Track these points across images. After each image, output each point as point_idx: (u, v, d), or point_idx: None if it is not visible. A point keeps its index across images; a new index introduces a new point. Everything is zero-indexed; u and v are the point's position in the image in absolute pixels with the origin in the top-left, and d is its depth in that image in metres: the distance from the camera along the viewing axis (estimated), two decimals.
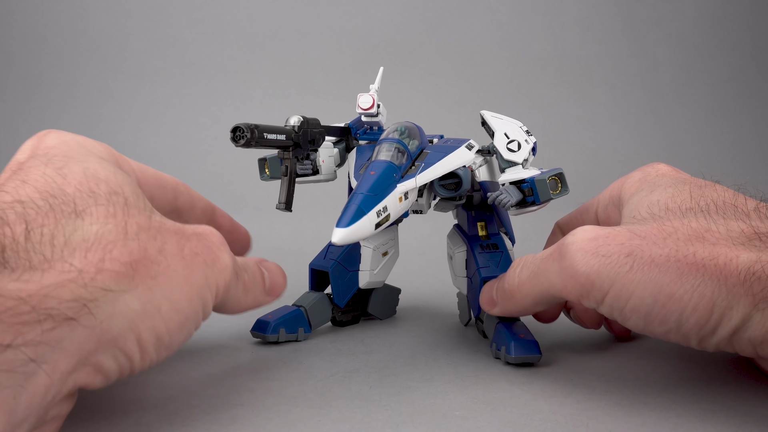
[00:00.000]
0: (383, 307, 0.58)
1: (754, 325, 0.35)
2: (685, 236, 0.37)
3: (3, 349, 0.26)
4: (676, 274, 0.36)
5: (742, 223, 0.38)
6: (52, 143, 0.38)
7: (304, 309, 0.52)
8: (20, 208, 0.31)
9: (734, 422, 0.37)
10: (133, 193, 0.36)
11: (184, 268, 0.34)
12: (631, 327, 0.39)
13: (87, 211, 0.33)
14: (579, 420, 0.37)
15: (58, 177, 0.34)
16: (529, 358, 0.45)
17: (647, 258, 0.37)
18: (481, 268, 0.50)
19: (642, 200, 0.43)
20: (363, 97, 0.52)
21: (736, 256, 0.36)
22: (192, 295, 0.35)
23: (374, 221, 0.41)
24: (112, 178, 0.36)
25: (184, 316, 0.34)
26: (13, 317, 0.26)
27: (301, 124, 0.48)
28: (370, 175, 0.43)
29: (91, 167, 0.36)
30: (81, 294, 0.29)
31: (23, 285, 0.28)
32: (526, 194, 0.47)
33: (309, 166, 0.52)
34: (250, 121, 0.45)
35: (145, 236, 0.33)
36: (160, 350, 0.34)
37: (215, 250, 0.37)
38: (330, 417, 0.37)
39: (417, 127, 0.49)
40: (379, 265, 0.55)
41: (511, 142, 0.49)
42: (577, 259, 0.39)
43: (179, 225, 0.36)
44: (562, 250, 0.40)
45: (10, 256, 0.29)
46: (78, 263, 0.30)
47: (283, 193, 0.48)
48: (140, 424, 0.36)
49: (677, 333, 0.37)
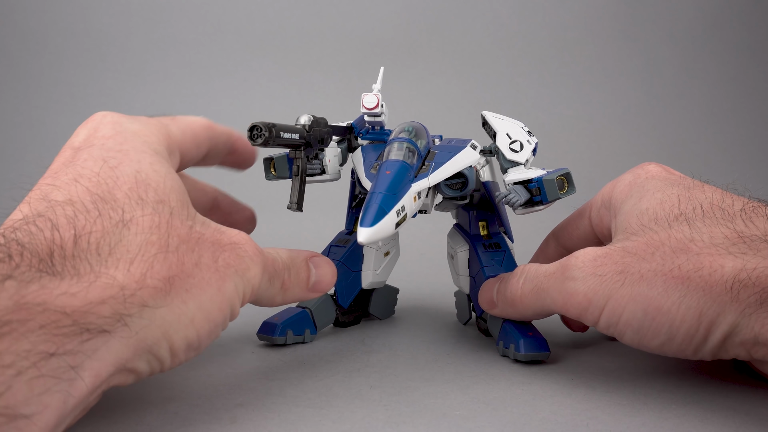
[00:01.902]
0: (383, 307, 0.58)
1: (744, 329, 0.36)
2: (670, 249, 0.38)
3: (48, 357, 0.28)
4: (663, 287, 0.37)
5: (725, 229, 0.38)
6: (109, 133, 0.39)
7: (310, 310, 0.52)
8: (71, 211, 0.33)
9: (734, 422, 0.37)
10: (178, 201, 0.37)
11: (218, 280, 0.36)
12: (628, 342, 0.40)
13: (133, 221, 0.34)
14: (579, 420, 0.37)
15: (110, 179, 0.36)
16: (539, 355, 0.46)
17: (636, 274, 0.38)
18: (485, 267, 0.50)
19: (632, 210, 0.44)
20: (367, 97, 0.52)
21: (720, 266, 0.36)
22: (223, 304, 0.37)
23: (395, 220, 0.41)
24: (161, 185, 0.37)
25: (214, 324, 0.36)
26: (56, 329, 0.28)
27: (312, 123, 0.48)
28: (386, 174, 0.43)
29: (144, 169, 0.37)
30: (119, 309, 0.31)
31: (68, 300, 0.29)
32: (534, 194, 0.48)
33: (317, 165, 0.51)
34: (266, 120, 0.44)
35: (184, 249, 0.35)
36: (190, 353, 0.36)
37: (247, 260, 0.38)
38: (330, 417, 0.37)
39: (423, 127, 0.49)
40: (382, 264, 0.55)
41: (514, 142, 0.49)
42: (577, 280, 0.40)
43: (217, 234, 0.38)
44: (565, 270, 0.41)
45: (57, 262, 0.31)
46: (121, 277, 0.32)
47: (294, 193, 0.48)
48: (140, 424, 0.36)
49: (671, 345, 0.38)
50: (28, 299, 0.28)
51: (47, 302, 0.29)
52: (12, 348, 0.27)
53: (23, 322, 0.27)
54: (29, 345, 0.27)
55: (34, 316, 0.28)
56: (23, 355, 0.27)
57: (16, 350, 0.27)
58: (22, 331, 0.27)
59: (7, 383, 0.26)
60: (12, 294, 0.28)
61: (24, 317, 0.27)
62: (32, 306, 0.28)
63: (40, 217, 0.33)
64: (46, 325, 0.28)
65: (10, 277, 0.28)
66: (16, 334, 0.27)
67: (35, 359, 0.27)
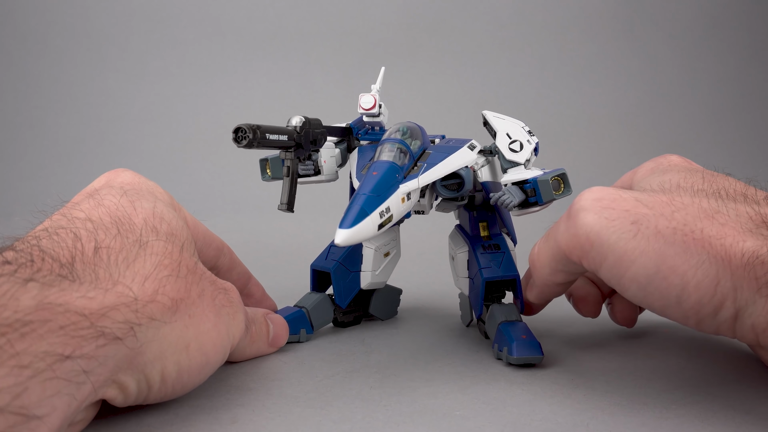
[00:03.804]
0: (384, 307, 0.58)
1: (758, 311, 0.34)
2: (694, 213, 0.37)
3: (63, 359, 0.28)
4: (682, 248, 0.36)
5: (751, 210, 0.37)
6: (128, 180, 0.43)
7: (306, 310, 0.52)
8: (91, 226, 0.35)
9: (734, 422, 0.37)
10: (186, 240, 0.40)
11: (214, 316, 0.38)
12: (630, 297, 0.39)
13: (149, 244, 0.36)
14: (579, 420, 0.37)
15: (129, 208, 0.39)
16: (531, 358, 0.45)
17: (653, 228, 0.37)
18: (483, 269, 0.50)
19: (653, 179, 0.43)
20: (365, 97, 0.52)
21: (742, 240, 0.35)
22: (216, 341, 0.38)
23: (377, 222, 0.41)
24: (173, 222, 0.40)
25: (205, 359, 0.37)
26: (75, 331, 0.29)
27: (303, 125, 0.48)
28: (372, 175, 0.43)
29: (159, 207, 0.41)
30: (131, 318, 0.32)
31: (87, 302, 0.30)
32: (529, 195, 0.47)
33: (311, 166, 0.51)
34: (252, 122, 0.44)
35: (191, 279, 0.37)
36: (176, 386, 0.36)
37: (235, 306, 0.41)
38: (330, 417, 0.37)
39: (419, 128, 0.48)
40: (381, 265, 0.55)
41: (513, 142, 0.49)
42: (579, 218, 0.39)
43: (213, 277, 0.41)
44: (570, 209, 0.40)
45: (78, 267, 0.32)
46: (136, 288, 0.33)
47: (285, 194, 0.48)
48: (141, 425, 0.36)
49: (676, 309, 0.37)
50: (50, 299, 0.29)
51: (68, 303, 0.29)
52: (31, 349, 0.27)
53: (44, 323, 0.28)
54: (47, 346, 0.28)
55: (55, 316, 0.28)
56: (40, 357, 0.27)
57: (35, 351, 0.27)
58: (43, 331, 0.28)
59: (24, 384, 0.26)
60: (35, 294, 0.28)
61: (45, 317, 0.28)
62: (54, 306, 0.29)
63: (62, 229, 0.34)
64: (66, 326, 0.29)
65: (32, 279, 0.29)
66: (36, 335, 0.27)
67: (51, 361, 0.28)
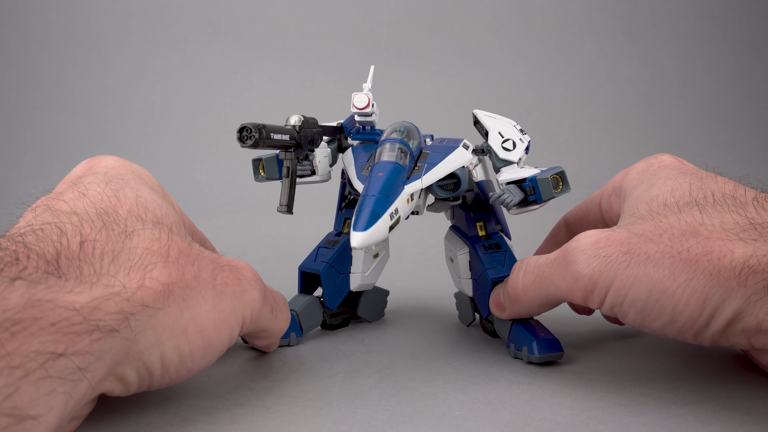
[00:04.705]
0: (372, 309, 0.58)
1: (748, 316, 0.36)
2: (679, 232, 0.38)
3: (56, 357, 0.28)
4: (670, 269, 0.37)
5: (737, 215, 0.38)
6: (111, 164, 0.42)
7: (296, 313, 0.51)
8: (76, 220, 0.35)
9: (734, 422, 0.37)
10: (175, 224, 0.39)
11: (214, 297, 0.37)
12: (630, 323, 0.40)
13: (135, 233, 0.36)
14: (579, 420, 0.37)
15: (113, 198, 0.38)
16: (553, 356, 0.45)
17: (643, 254, 0.38)
18: (489, 269, 0.49)
19: (641, 195, 0.44)
20: (358, 96, 0.51)
21: (730, 250, 0.36)
22: (218, 322, 0.37)
23: (388, 224, 0.41)
24: (159, 210, 0.39)
25: (208, 342, 0.36)
26: (67, 327, 0.29)
27: (302, 124, 0.48)
28: (378, 176, 0.42)
29: (143, 195, 0.39)
30: (124, 307, 0.32)
31: (75, 297, 0.30)
32: (528, 193, 0.47)
33: (308, 166, 0.51)
34: (256, 121, 0.44)
35: (184, 261, 0.36)
36: (181, 371, 0.35)
37: (245, 283, 0.39)
38: (330, 417, 0.37)
39: (414, 127, 0.48)
40: (371, 267, 0.54)
41: (506, 141, 0.49)
42: (581, 263, 0.40)
43: (215, 255, 0.39)
44: (566, 255, 0.41)
45: (63, 264, 0.31)
46: (122, 279, 0.33)
47: (284, 195, 0.47)
48: (140, 425, 0.36)
49: (672, 328, 0.38)
50: (39, 297, 0.28)
51: (57, 299, 0.29)
52: (21, 348, 0.27)
53: (35, 320, 0.28)
54: (39, 345, 0.27)
55: (45, 313, 0.28)
56: (31, 356, 0.27)
57: (25, 351, 0.27)
58: (34, 329, 0.27)
59: (14, 384, 0.26)
60: (23, 293, 0.28)
61: (35, 315, 0.28)
62: (43, 303, 0.28)
63: (46, 224, 0.34)
64: (58, 323, 0.28)
65: (19, 278, 0.29)
66: (26, 333, 0.27)
67: (43, 360, 0.27)
